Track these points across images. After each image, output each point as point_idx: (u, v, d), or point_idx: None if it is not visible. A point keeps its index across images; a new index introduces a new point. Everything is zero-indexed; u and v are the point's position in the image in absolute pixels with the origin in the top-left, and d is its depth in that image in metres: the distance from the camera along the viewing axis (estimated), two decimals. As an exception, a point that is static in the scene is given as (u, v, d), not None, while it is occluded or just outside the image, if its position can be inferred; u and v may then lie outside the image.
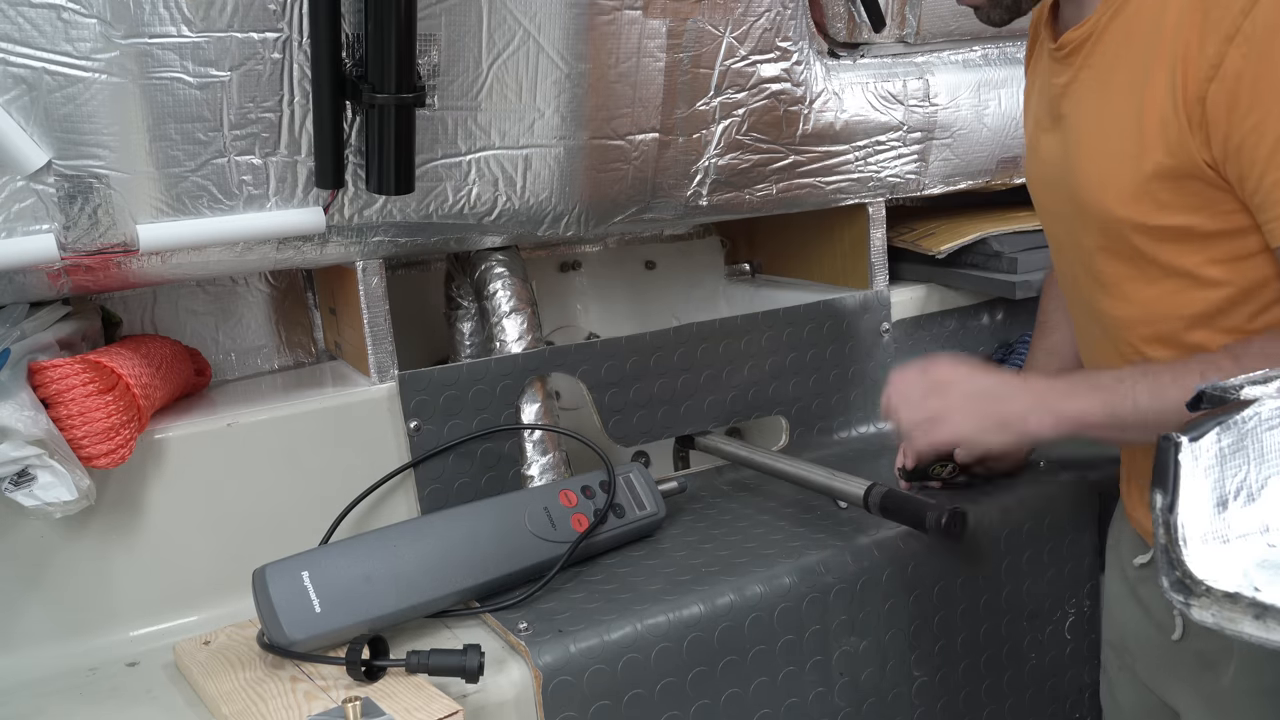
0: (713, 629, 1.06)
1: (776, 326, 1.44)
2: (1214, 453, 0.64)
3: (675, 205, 1.37)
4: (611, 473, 1.20)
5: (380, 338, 1.22)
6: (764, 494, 1.35)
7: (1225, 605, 0.60)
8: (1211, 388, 0.69)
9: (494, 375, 1.25)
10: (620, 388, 1.33)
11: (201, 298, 1.40)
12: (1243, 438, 0.65)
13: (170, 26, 0.97)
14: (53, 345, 1.08)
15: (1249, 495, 0.66)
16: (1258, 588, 0.60)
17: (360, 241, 1.18)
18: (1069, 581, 1.32)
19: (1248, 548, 0.64)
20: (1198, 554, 0.63)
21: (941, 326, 1.59)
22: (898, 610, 1.18)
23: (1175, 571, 0.62)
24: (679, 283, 1.78)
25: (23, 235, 0.99)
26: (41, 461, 0.97)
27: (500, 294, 1.31)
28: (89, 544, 1.09)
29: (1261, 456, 0.66)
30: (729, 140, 1.35)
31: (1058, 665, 1.33)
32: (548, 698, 0.97)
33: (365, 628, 0.97)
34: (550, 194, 1.26)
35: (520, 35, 1.14)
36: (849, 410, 1.51)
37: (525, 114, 1.19)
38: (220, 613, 1.11)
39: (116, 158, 0.99)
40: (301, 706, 0.89)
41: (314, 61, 1.03)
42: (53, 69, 0.94)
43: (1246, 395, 0.67)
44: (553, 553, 1.11)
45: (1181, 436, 0.63)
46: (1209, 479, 0.64)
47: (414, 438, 1.21)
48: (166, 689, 1.00)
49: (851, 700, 1.16)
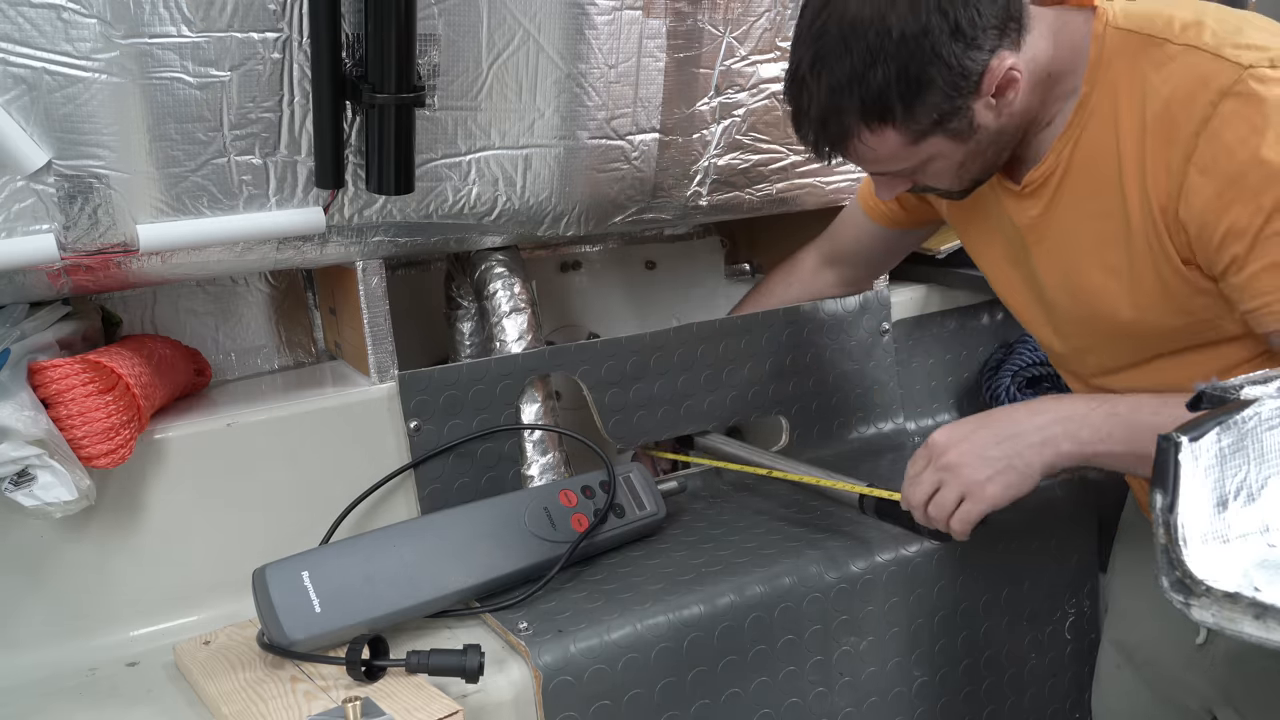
0: (713, 629, 1.06)
1: (776, 326, 1.44)
2: (1214, 453, 0.64)
3: (675, 205, 1.37)
4: (611, 473, 1.20)
5: (380, 338, 1.22)
6: (764, 494, 1.35)
7: (1225, 605, 0.60)
8: (1211, 388, 0.69)
9: (494, 375, 1.25)
10: (620, 388, 1.33)
11: (201, 298, 1.40)
12: (1243, 438, 0.65)
13: (170, 26, 0.97)
14: (53, 345, 1.08)
15: (1249, 495, 0.66)
16: (1258, 588, 0.60)
17: (360, 241, 1.18)
18: (1069, 581, 1.32)
19: (1248, 548, 0.64)
20: (1198, 554, 0.63)
21: (941, 326, 1.59)
22: (898, 610, 1.18)
23: (1175, 571, 0.62)
24: (679, 283, 1.78)
25: (23, 235, 0.99)
26: (41, 461, 0.97)
27: (500, 294, 1.31)
28: (89, 544, 1.08)
29: (1261, 456, 0.66)
30: (729, 140, 1.35)
31: (1058, 665, 1.33)
32: (548, 698, 0.97)
33: (365, 628, 0.97)
34: (550, 194, 1.26)
35: (520, 35, 1.14)
36: (849, 410, 1.51)
37: (525, 114, 1.19)
38: (220, 613, 1.10)
39: (116, 158, 0.99)
40: (301, 706, 0.89)
41: (314, 61, 1.03)
42: (53, 69, 0.94)
43: (1246, 395, 0.67)
44: (553, 553, 1.11)
45: (1181, 436, 0.63)
46: (1209, 479, 0.64)
47: (414, 438, 1.21)
48: (166, 689, 1.00)
49: (852, 700, 1.16)
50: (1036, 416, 0.99)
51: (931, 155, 1.00)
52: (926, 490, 1.02)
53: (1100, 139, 0.99)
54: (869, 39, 0.92)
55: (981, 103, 0.96)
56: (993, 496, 0.98)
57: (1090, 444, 0.97)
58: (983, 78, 0.94)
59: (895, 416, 1.54)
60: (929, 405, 1.58)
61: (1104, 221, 1.00)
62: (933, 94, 0.94)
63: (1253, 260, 0.90)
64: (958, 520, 1.00)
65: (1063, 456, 0.98)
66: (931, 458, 1.02)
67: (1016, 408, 1.02)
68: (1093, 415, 0.97)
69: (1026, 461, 0.98)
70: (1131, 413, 0.96)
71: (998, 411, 1.02)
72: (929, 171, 1.03)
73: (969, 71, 0.94)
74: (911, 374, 1.56)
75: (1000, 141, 1.01)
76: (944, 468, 1.00)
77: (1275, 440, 0.66)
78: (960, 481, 0.99)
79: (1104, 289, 1.02)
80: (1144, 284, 0.99)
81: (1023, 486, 0.98)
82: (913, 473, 1.04)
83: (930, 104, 0.95)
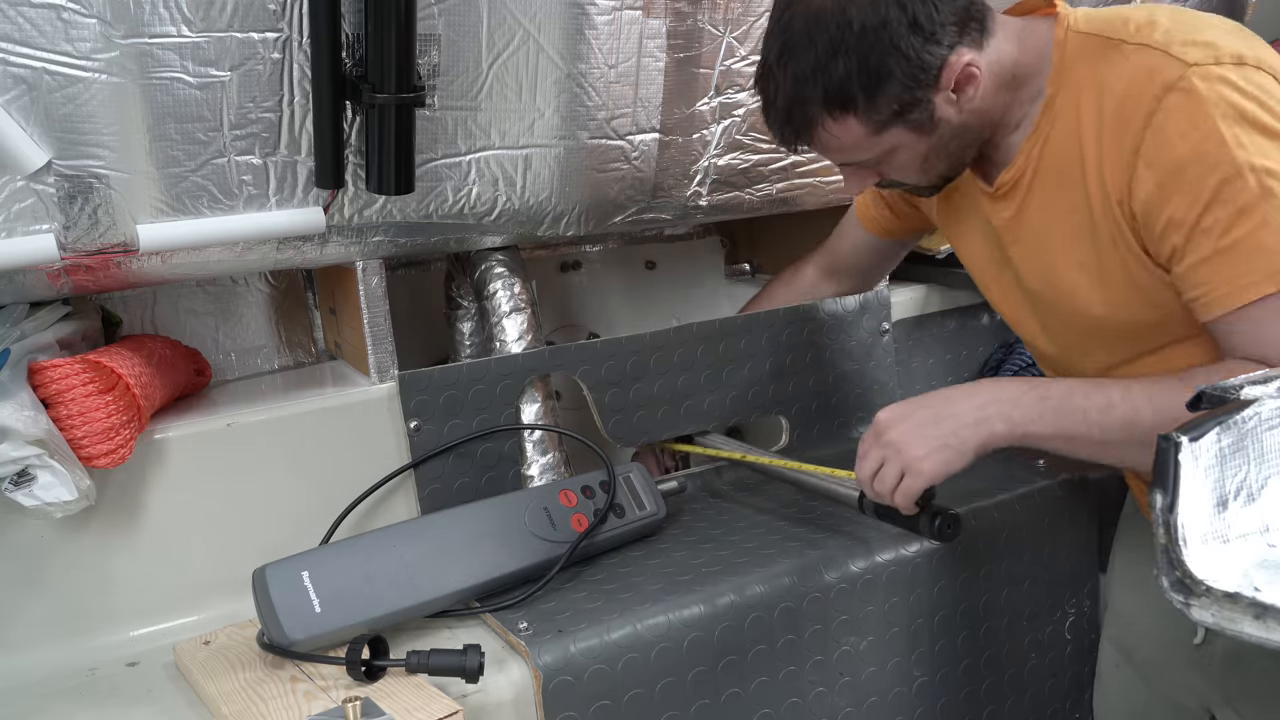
0: (713, 629, 1.06)
1: (776, 326, 1.44)
2: (1214, 453, 0.65)
3: (675, 205, 1.37)
4: (611, 473, 1.20)
5: (380, 338, 1.22)
6: (764, 494, 1.35)
7: (1225, 605, 0.60)
8: (1211, 388, 0.69)
9: (494, 375, 1.25)
10: (620, 388, 1.33)
11: (201, 298, 1.40)
12: (1243, 438, 0.65)
13: (170, 26, 0.97)
14: (53, 345, 1.08)
15: (1249, 495, 0.66)
16: (1258, 588, 0.60)
17: (360, 241, 1.18)
18: (1069, 581, 1.32)
19: (1248, 548, 0.65)
20: (1198, 554, 0.63)
21: (941, 326, 1.59)
22: (898, 610, 1.18)
23: (1175, 571, 0.62)
24: (679, 283, 1.78)
25: (23, 235, 0.99)
26: (41, 461, 0.97)
27: (500, 294, 1.31)
28: (89, 544, 1.08)
29: (1261, 456, 0.66)
30: (729, 140, 1.35)
31: (1058, 665, 1.33)
32: (548, 698, 0.97)
33: (365, 628, 0.97)
34: (550, 194, 1.26)
35: (520, 35, 1.14)
36: (849, 410, 1.51)
37: (525, 114, 1.19)
38: (220, 613, 1.10)
39: (116, 158, 0.99)
40: (301, 706, 0.89)
41: (314, 61, 1.03)
42: (53, 69, 0.94)
43: (1246, 395, 0.67)
44: (553, 553, 1.11)
45: (1181, 436, 0.63)
46: (1209, 479, 0.64)
47: (414, 438, 1.21)
48: (166, 689, 1.00)
49: (852, 700, 1.16)
50: (973, 398, 1.03)
51: (894, 146, 1.03)
52: (872, 466, 1.06)
53: (1065, 139, 1.02)
54: (831, 31, 0.96)
55: (942, 96, 1.00)
56: (930, 472, 1.02)
57: (1022, 425, 1.00)
58: (941, 71, 0.98)
59: (895, 416, 1.54)
60: (929, 405, 1.58)
61: (1072, 217, 1.03)
62: (892, 85, 0.97)
63: (1190, 252, 0.94)
64: (900, 494, 1.05)
65: (996, 437, 1.01)
66: (876, 435, 1.06)
67: (955, 390, 1.06)
68: (1025, 398, 1.01)
69: (962, 440, 1.01)
70: (1063, 397, 1.00)
71: (937, 393, 1.06)
72: (894, 164, 1.06)
73: (927, 65, 0.97)
74: (911, 374, 1.56)
75: (964, 137, 1.05)
76: (886, 445, 1.05)
77: (1275, 440, 0.66)
78: (901, 458, 1.03)
79: (1077, 286, 1.05)
80: (1113, 279, 1.02)
81: (957, 463, 1.02)
82: (861, 450, 1.08)
83: (890, 95, 0.98)
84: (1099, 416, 0.98)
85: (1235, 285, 0.92)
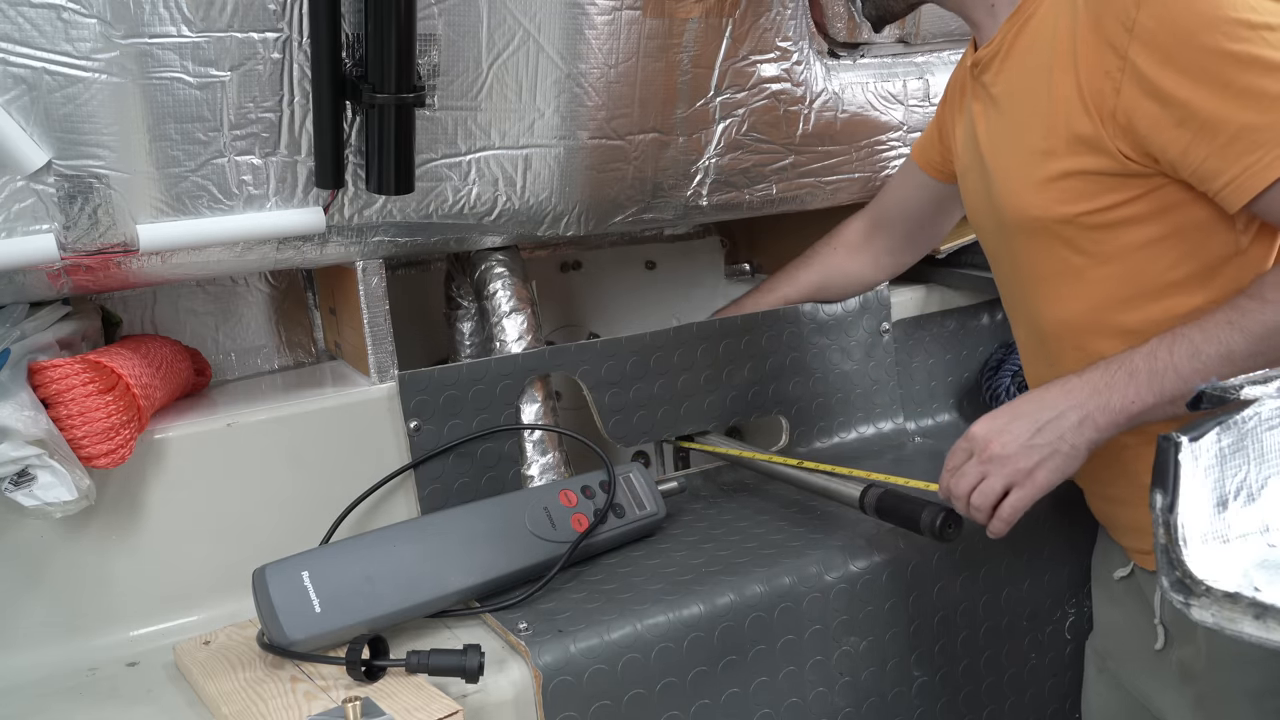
0: (713, 629, 1.06)
1: (776, 326, 1.44)
2: (1214, 453, 0.64)
3: (675, 205, 1.37)
4: (611, 473, 1.20)
5: (380, 338, 1.22)
6: (764, 494, 1.35)
7: (1225, 605, 0.60)
8: (1211, 388, 0.69)
9: (494, 375, 1.25)
10: (620, 388, 1.33)
11: (201, 298, 1.40)
12: (1243, 438, 0.65)
13: (170, 26, 0.97)
14: (53, 345, 1.08)
15: (1249, 495, 0.66)
16: (1258, 588, 0.60)
17: (360, 241, 1.18)
18: (1068, 582, 1.32)
19: (1248, 548, 0.64)
20: (1198, 554, 0.63)
21: (941, 326, 1.59)
22: (898, 610, 1.18)
23: (1175, 571, 0.62)
24: (679, 283, 1.78)
25: (23, 235, 0.99)
26: (41, 461, 0.97)
27: (500, 294, 1.31)
28: (89, 544, 1.08)
29: (1261, 456, 0.66)
30: (729, 140, 1.35)
31: (1057, 665, 1.33)
32: (548, 698, 0.97)
33: (365, 628, 0.97)
34: (550, 194, 1.26)
35: (520, 35, 1.14)
36: (849, 410, 1.51)
37: (525, 114, 1.19)
38: (220, 613, 1.11)
39: (116, 158, 0.99)
40: (301, 706, 0.89)
41: (314, 61, 1.03)
42: (53, 69, 0.94)
43: (1246, 395, 0.67)
44: (553, 553, 1.11)
45: (1181, 436, 0.63)
46: (1209, 479, 0.64)
47: (414, 438, 1.21)
48: (166, 689, 1.00)
49: (852, 700, 1.16)
50: (1069, 396, 0.99)
51: None
52: (971, 481, 1.02)
53: (1041, 27, 1.02)
54: None
55: None
56: (1044, 482, 0.99)
57: (1123, 408, 0.96)
58: None
59: (895, 416, 1.54)
60: (929, 405, 1.58)
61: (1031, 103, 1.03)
62: None
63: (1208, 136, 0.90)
64: (1007, 508, 1.01)
65: (1101, 430, 0.97)
66: (974, 450, 1.02)
67: (1044, 392, 1.01)
68: (1115, 379, 0.97)
69: (1071, 444, 0.98)
70: (1149, 361, 0.96)
71: (1027, 398, 1.02)
72: None
73: None
74: (911, 374, 1.56)
75: None
76: (989, 460, 1.00)
77: (1275, 440, 0.66)
78: (1007, 471, 1.00)
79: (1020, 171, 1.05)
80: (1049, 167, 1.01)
81: (1071, 468, 0.99)
82: (953, 465, 1.04)
83: None
84: (1191, 364, 0.93)
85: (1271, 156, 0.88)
